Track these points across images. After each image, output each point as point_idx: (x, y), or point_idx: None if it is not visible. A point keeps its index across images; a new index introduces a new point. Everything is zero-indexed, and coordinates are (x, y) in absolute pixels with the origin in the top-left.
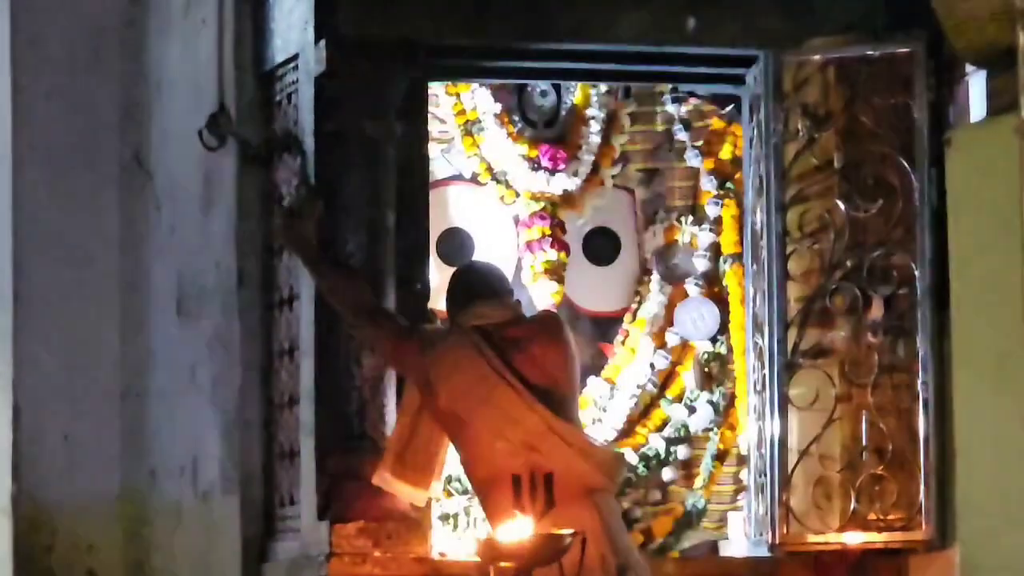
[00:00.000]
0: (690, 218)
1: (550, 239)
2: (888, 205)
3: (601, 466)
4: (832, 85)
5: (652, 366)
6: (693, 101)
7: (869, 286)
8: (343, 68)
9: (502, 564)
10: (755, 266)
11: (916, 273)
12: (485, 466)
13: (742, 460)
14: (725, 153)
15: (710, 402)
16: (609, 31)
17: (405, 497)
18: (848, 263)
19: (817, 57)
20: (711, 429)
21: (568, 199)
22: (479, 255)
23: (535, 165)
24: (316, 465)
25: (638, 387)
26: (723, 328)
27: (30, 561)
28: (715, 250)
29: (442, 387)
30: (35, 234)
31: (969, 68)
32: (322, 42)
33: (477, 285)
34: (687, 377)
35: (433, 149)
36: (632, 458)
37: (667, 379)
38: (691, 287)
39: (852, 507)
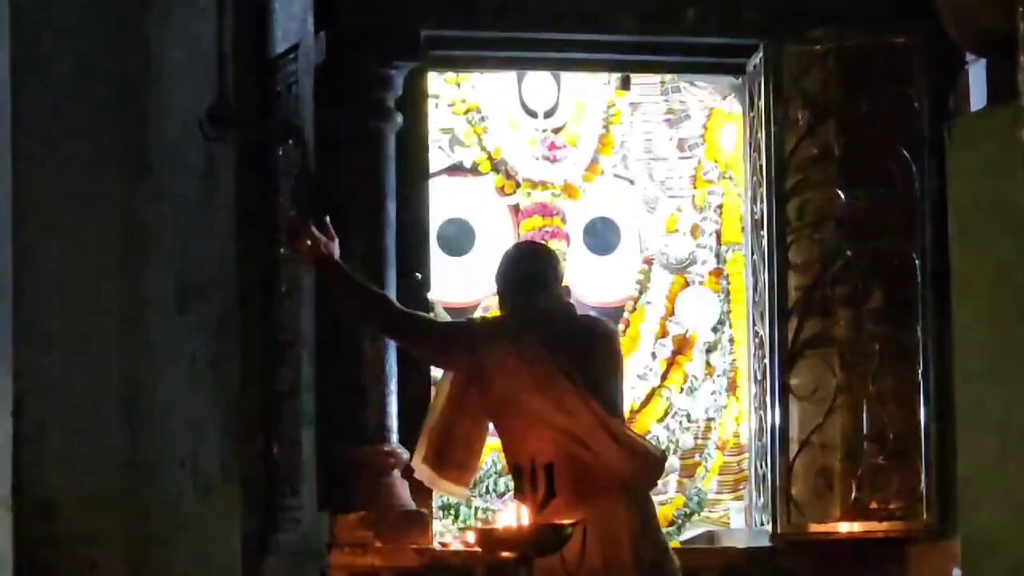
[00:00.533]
0: (690, 207)
1: (550, 229)
2: (888, 194)
3: (645, 465)
4: (832, 74)
5: (654, 355)
6: (693, 90)
7: (870, 275)
8: (343, 58)
9: (503, 554)
10: (755, 255)
11: (916, 262)
12: (530, 454)
13: (743, 450)
14: (725, 142)
15: (711, 392)
16: (609, 21)
17: (446, 492)
18: (848, 252)
19: (817, 46)
20: (712, 419)
21: (568, 189)
22: (479, 245)
23: (535, 155)
24: (317, 456)
25: (639, 377)
26: (724, 317)
27: (31, 554)
28: (716, 239)
29: (497, 374)
30: (36, 226)
31: (969, 57)
32: (322, 33)
33: (530, 274)
34: (688, 367)
35: (433, 139)
36: None
37: (669, 368)
38: (692, 276)
39: (853, 496)
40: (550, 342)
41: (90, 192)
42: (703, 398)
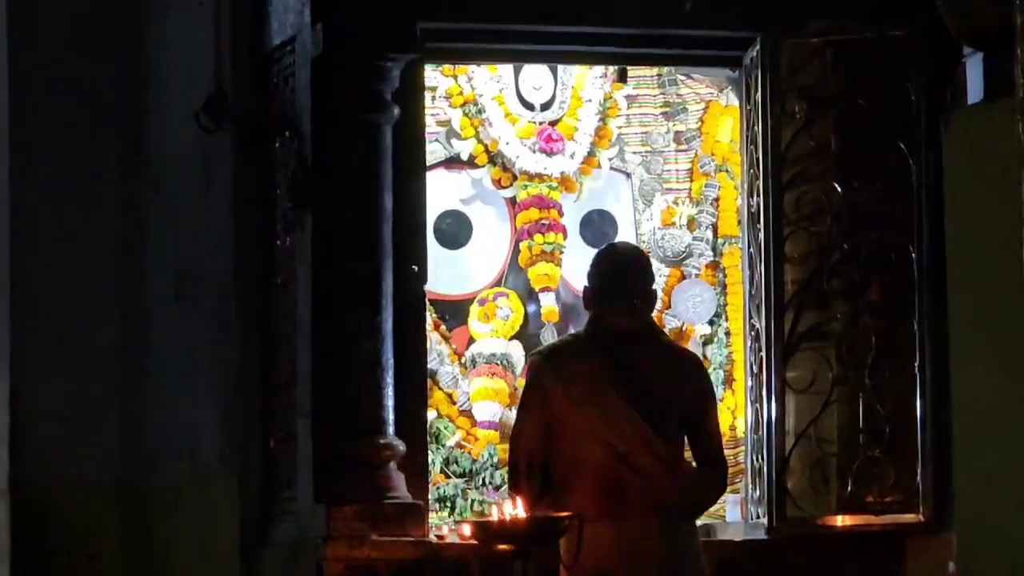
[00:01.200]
0: (687, 200)
1: (547, 222)
2: (885, 187)
3: (684, 487)
4: (830, 67)
5: None
6: (690, 83)
7: (866, 269)
8: (340, 51)
9: (499, 546)
10: (752, 248)
11: (913, 255)
12: (574, 458)
13: (740, 443)
14: (722, 135)
15: None
16: (606, 13)
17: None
18: (845, 246)
19: (815, 40)
20: None
21: (565, 181)
22: (476, 238)
23: (532, 147)
24: (313, 448)
25: None
26: (721, 311)
27: (28, 544)
28: (713, 232)
29: (552, 396)
30: (34, 217)
31: (967, 50)
32: (319, 25)
33: (615, 290)
34: None
35: (430, 131)
36: None
37: None
38: (689, 269)
39: (849, 490)
40: (611, 361)
41: (88, 184)
42: None
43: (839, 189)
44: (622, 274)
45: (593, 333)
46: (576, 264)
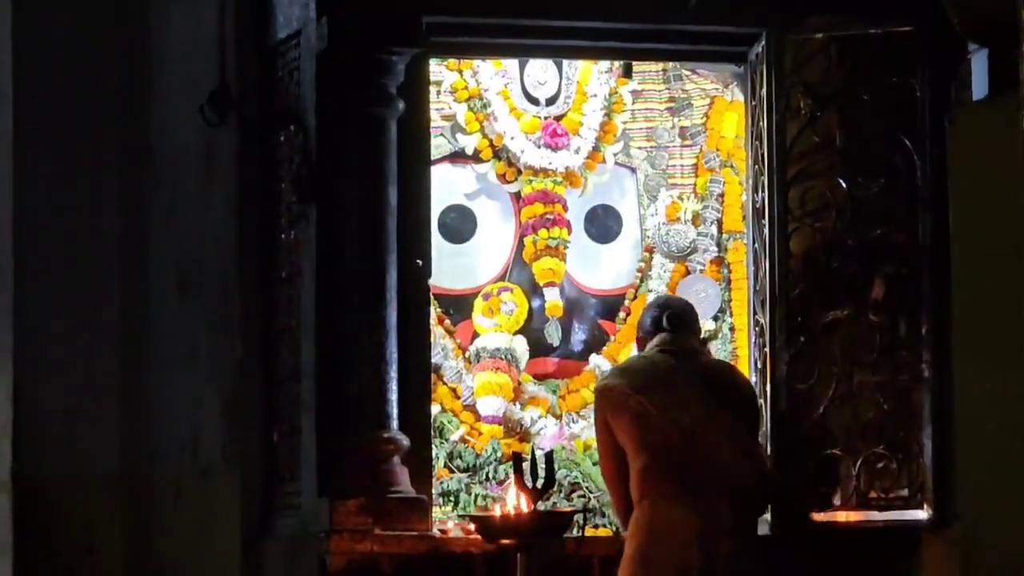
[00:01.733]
0: (692, 196)
1: (551, 216)
2: (890, 183)
3: (754, 469)
4: (834, 63)
5: None
6: (695, 78)
7: (871, 265)
8: (345, 45)
9: (503, 541)
10: (757, 244)
11: (918, 252)
12: (652, 447)
13: None
14: (727, 131)
15: None
16: (612, 8)
17: None
18: (849, 242)
19: (819, 35)
20: None
21: (570, 176)
22: (480, 233)
23: (537, 142)
24: (317, 442)
25: None
26: (725, 306)
27: (30, 537)
28: (717, 227)
29: (629, 386)
30: (36, 210)
31: (971, 46)
32: (324, 19)
33: (673, 319)
34: None
35: (435, 126)
36: None
37: None
38: (693, 265)
39: (853, 486)
40: (680, 361)
41: (91, 177)
42: None
43: (843, 185)
44: (678, 305)
45: (659, 348)
46: (580, 259)
